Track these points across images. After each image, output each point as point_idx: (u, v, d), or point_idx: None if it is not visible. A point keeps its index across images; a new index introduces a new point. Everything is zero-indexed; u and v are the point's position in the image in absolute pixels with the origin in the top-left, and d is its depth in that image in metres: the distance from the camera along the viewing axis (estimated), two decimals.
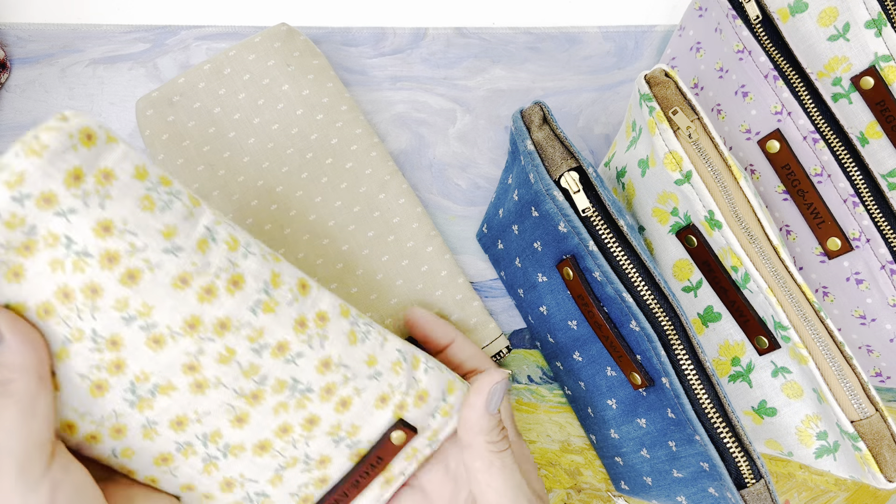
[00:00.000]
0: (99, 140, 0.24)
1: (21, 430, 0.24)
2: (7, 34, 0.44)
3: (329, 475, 0.31)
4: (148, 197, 0.25)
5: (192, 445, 0.29)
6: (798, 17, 0.34)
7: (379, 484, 0.32)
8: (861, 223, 0.33)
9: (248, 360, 0.28)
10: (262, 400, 0.29)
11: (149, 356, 0.26)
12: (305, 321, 0.28)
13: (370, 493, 0.32)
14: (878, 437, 0.29)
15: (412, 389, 0.31)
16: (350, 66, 0.45)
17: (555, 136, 0.31)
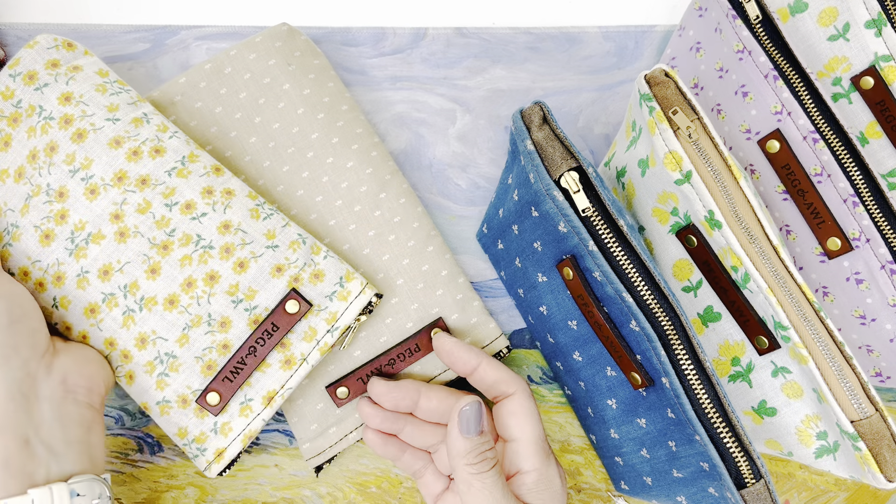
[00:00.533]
0: (77, 50, 0.36)
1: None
2: (7, 34, 0.44)
3: (230, 341, 0.35)
4: (102, 85, 0.35)
5: (115, 296, 0.35)
6: (798, 17, 0.34)
7: (279, 362, 0.34)
8: (861, 223, 0.33)
9: (160, 213, 0.34)
10: (171, 251, 0.34)
11: (85, 205, 0.34)
12: (213, 190, 0.34)
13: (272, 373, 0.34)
14: (878, 437, 0.29)
15: (308, 267, 0.34)
16: (350, 65, 0.45)
17: (555, 136, 0.31)
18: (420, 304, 0.40)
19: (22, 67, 0.35)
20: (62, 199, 0.34)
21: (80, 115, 0.34)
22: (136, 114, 0.35)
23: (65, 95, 0.34)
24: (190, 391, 0.34)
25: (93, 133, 0.33)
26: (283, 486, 0.42)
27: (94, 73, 0.35)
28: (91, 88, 0.34)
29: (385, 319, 0.40)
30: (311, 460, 0.39)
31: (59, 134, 0.34)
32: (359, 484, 0.42)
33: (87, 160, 0.33)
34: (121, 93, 0.35)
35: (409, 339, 0.40)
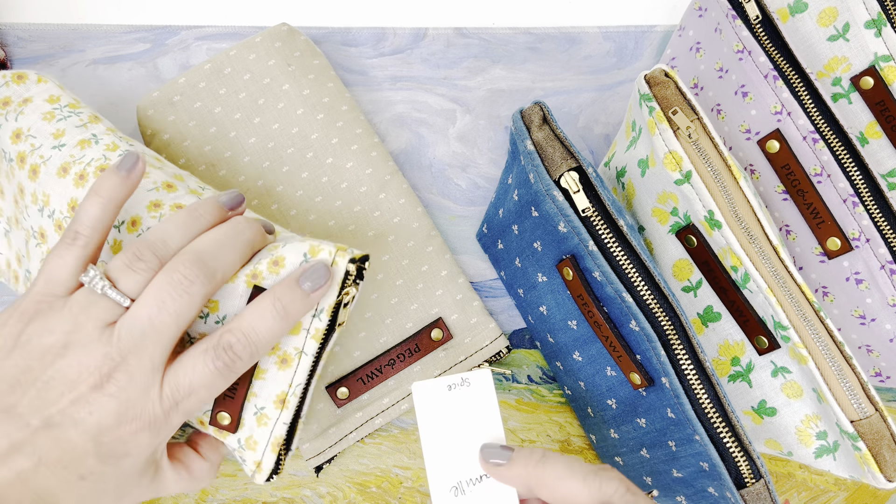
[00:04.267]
0: (29, 80, 0.35)
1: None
2: (7, 34, 0.44)
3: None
4: (51, 112, 0.34)
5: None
6: (798, 17, 0.34)
7: (274, 364, 0.31)
8: (861, 223, 0.33)
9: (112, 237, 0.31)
10: None
11: (57, 239, 0.31)
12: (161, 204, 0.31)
13: (272, 377, 0.31)
14: (878, 437, 0.29)
15: (265, 259, 0.30)
16: (350, 66, 0.45)
17: (555, 136, 0.31)
18: (420, 304, 0.40)
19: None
20: (44, 240, 0.33)
21: (29, 149, 0.33)
22: (84, 136, 0.33)
23: (16, 133, 0.33)
24: (201, 413, 0.31)
25: (43, 166, 0.32)
26: (283, 486, 0.42)
27: (44, 102, 0.34)
28: (38, 119, 0.33)
29: (385, 320, 0.40)
30: (311, 460, 0.39)
31: (20, 174, 0.33)
32: (359, 484, 0.42)
33: (44, 195, 0.32)
34: (70, 116, 0.34)
35: (408, 339, 0.40)
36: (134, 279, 0.26)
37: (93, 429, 0.25)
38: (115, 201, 0.28)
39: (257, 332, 0.27)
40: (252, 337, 0.27)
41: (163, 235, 0.27)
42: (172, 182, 0.33)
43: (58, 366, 0.25)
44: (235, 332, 0.27)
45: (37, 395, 0.25)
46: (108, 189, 0.28)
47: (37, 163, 0.32)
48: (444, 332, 0.40)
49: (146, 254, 0.27)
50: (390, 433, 0.42)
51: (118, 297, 0.26)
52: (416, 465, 0.42)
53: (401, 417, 0.42)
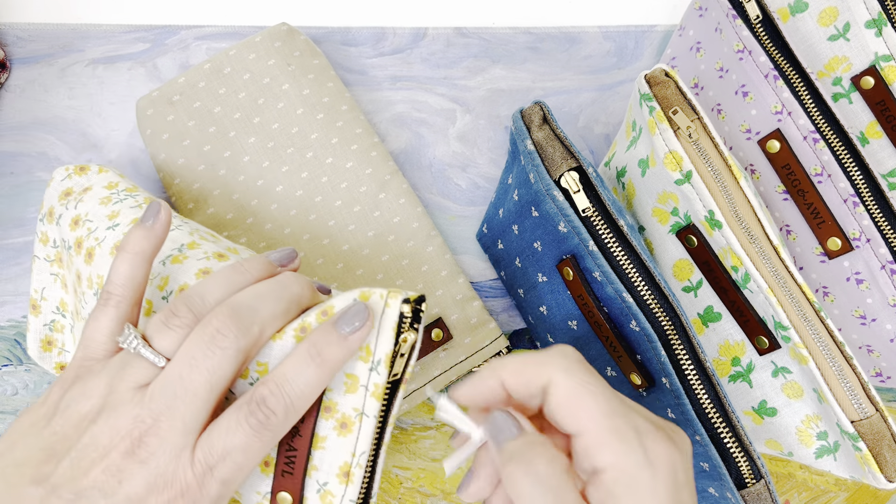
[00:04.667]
0: (91, 171, 0.36)
1: None
2: (7, 34, 0.44)
3: None
4: (108, 197, 0.34)
5: None
6: (798, 17, 0.34)
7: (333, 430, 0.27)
8: (861, 223, 0.33)
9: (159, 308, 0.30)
10: None
11: None
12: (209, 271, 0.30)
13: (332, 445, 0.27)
14: (879, 437, 0.29)
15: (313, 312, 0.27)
16: (350, 65, 0.45)
17: (555, 135, 0.31)
18: None
19: (45, 209, 0.35)
20: None
21: (86, 233, 0.32)
22: (138, 214, 0.32)
23: (74, 220, 0.33)
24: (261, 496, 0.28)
25: (98, 248, 0.31)
26: None
27: (103, 188, 0.34)
28: (95, 204, 0.33)
29: None
30: None
31: (77, 261, 0.33)
32: None
33: (99, 278, 0.31)
34: (126, 199, 0.34)
35: None
36: (169, 337, 0.25)
37: (122, 501, 0.23)
38: (142, 255, 0.27)
39: (291, 384, 0.24)
40: (286, 388, 0.24)
41: (201, 290, 0.26)
42: (224, 253, 0.32)
43: (91, 432, 0.24)
44: (269, 384, 0.24)
45: (70, 465, 0.23)
46: (134, 244, 0.27)
47: (92, 245, 0.32)
48: (444, 332, 0.40)
49: (182, 310, 0.25)
50: None
51: (152, 356, 0.25)
52: (415, 465, 0.42)
53: (401, 418, 0.42)
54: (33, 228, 0.42)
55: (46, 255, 0.36)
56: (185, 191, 0.40)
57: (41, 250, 0.36)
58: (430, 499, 0.42)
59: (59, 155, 0.43)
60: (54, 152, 0.43)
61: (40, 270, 0.37)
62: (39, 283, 0.37)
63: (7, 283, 0.42)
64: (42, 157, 0.43)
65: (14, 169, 0.43)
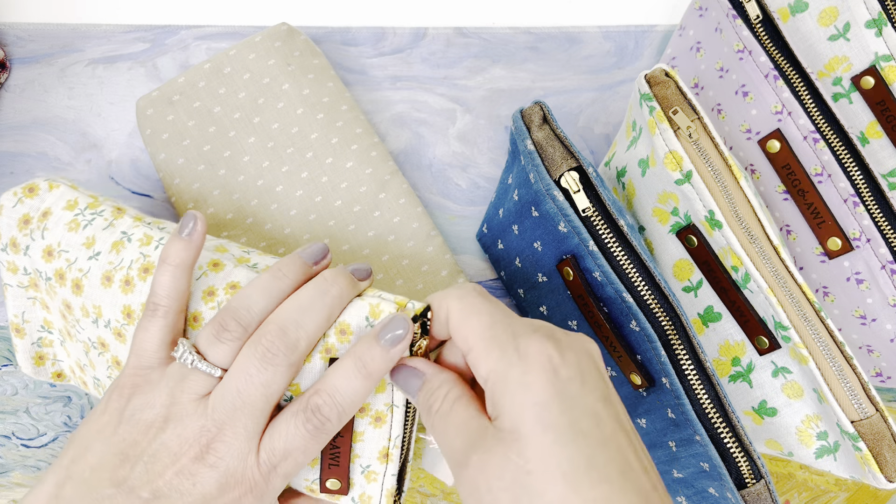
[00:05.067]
0: (41, 190, 0.33)
1: None
2: (7, 34, 0.44)
3: None
4: (74, 221, 0.32)
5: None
6: (798, 17, 0.34)
7: (369, 426, 0.30)
8: (861, 223, 0.33)
9: None
10: None
11: (124, 348, 0.32)
12: (215, 291, 0.31)
13: (370, 437, 0.30)
14: (879, 437, 0.29)
15: (331, 331, 0.29)
16: (350, 65, 0.45)
17: (555, 135, 0.31)
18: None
19: (5, 239, 0.34)
20: (106, 349, 0.33)
21: (66, 265, 0.32)
22: (114, 237, 0.32)
23: (46, 251, 0.32)
24: (310, 482, 0.31)
25: (85, 279, 0.32)
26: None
27: (63, 210, 0.33)
28: (64, 231, 0.32)
29: None
30: None
31: (63, 291, 0.33)
32: None
33: (95, 308, 0.32)
34: (94, 219, 0.32)
35: None
36: (222, 350, 0.27)
37: (198, 499, 0.26)
38: (183, 266, 0.28)
39: (342, 394, 0.27)
40: (338, 398, 0.27)
41: (246, 302, 0.28)
42: (218, 259, 0.32)
43: (161, 439, 0.26)
44: (322, 395, 0.27)
45: (144, 469, 0.26)
46: (174, 255, 0.28)
47: (77, 277, 0.32)
48: None
49: (231, 323, 0.27)
50: None
51: (208, 369, 0.27)
52: (415, 465, 0.42)
53: None
54: None
55: (19, 282, 0.35)
56: (185, 191, 0.40)
57: (11, 279, 0.35)
58: (430, 499, 0.42)
59: (59, 155, 0.43)
60: (54, 152, 0.43)
61: (15, 297, 0.36)
62: (17, 308, 0.36)
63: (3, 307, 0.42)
64: (42, 157, 0.43)
65: (14, 169, 0.43)
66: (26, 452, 0.40)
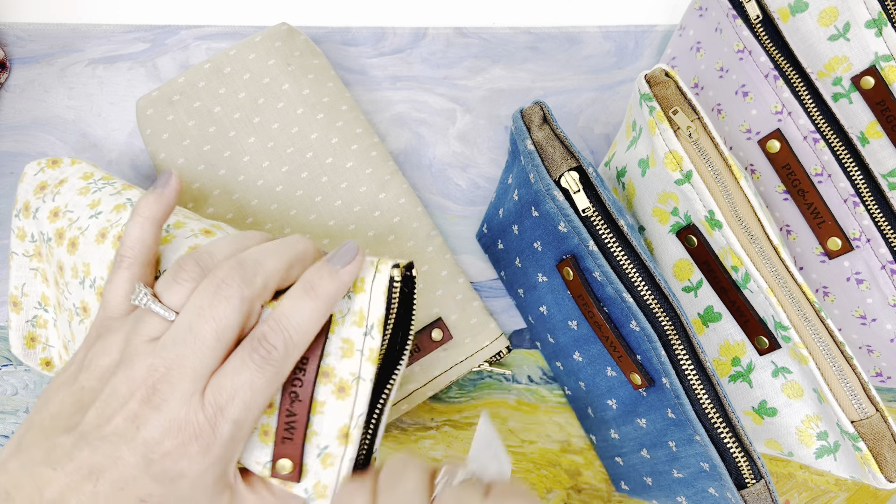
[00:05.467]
0: (63, 164, 0.35)
1: None
2: (7, 34, 0.44)
3: None
4: (85, 187, 0.34)
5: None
6: (798, 17, 0.34)
7: (331, 394, 0.28)
8: (861, 223, 0.33)
9: None
10: None
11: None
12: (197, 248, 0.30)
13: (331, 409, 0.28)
14: (879, 437, 0.29)
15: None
16: (350, 65, 0.45)
17: (555, 135, 0.31)
18: (420, 304, 0.40)
19: (20, 204, 0.35)
20: (87, 314, 0.32)
21: (67, 224, 0.33)
22: (119, 201, 0.32)
23: (53, 211, 0.33)
24: (261, 466, 0.28)
25: (81, 237, 0.32)
26: None
27: (79, 179, 0.34)
28: (74, 194, 0.33)
29: None
30: None
31: (59, 252, 0.33)
32: None
33: (85, 266, 0.31)
34: (104, 187, 0.34)
35: None
36: (178, 292, 0.26)
37: (140, 445, 0.24)
38: (152, 219, 0.28)
39: (288, 317, 0.26)
40: (283, 322, 0.26)
41: (211, 248, 0.27)
42: (210, 229, 0.32)
43: (112, 383, 0.25)
44: (268, 322, 0.26)
45: (95, 414, 0.25)
46: (145, 208, 0.28)
47: (75, 235, 0.32)
48: (443, 332, 0.40)
49: (189, 264, 0.27)
50: (390, 433, 0.42)
51: (162, 310, 0.26)
52: None
53: (401, 418, 0.42)
54: None
55: (24, 250, 0.36)
56: (185, 190, 0.40)
57: (19, 246, 0.36)
58: None
59: (59, 155, 0.43)
60: (54, 152, 0.43)
61: (19, 266, 0.36)
62: (19, 279, 0.37)
63: (6, 283, 0.42)
64: (42, 157, 0.43)
65: (14, 169, 0.43)
66: None
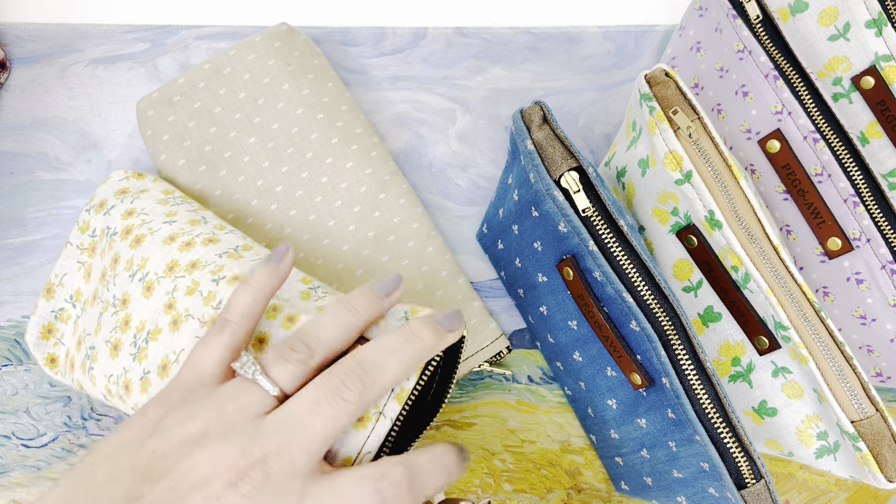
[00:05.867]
0: (147, 179, 0.38)
1: None
2: (7, 34, 0.44)
3: None
4: (164, 200, 0.36)
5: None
6: (798, 17, 0.34)
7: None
8: (861, 223, 0.33)
9: (208, 289, 0.31)
10: None
11: (143, 305, 0.32)
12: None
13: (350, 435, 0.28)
14: (879, 437, 0.29)
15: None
16: (350, 65, 0.45)
17: (555, 135, 0.31)
18: (420, 304, 0.40)
19: (95, 201, 0.37)
20: (125, 306, 0.32)
21: (139, 223, 0.34)
22: (195, 217, 0.35)
23: (128, 211, 0.35)
24: None
25: (150, 236, 0.33)
26: None
27: (160, 192, 0.37)
28: (153, 202, 0.36)
29: None
30: None
31: (120, 245, 0.34)
32: None
33: (142, 260, 0.32)
34: (182, 203, 0.36)
35: None
36: (286, 370, 0.24)
37: None
38: (265, 291, 0.27)
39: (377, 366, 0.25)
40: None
41: (316, 329, 0.26)
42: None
43: (195, 456, 0.22)
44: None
45: (168, 488, 0.22)
46: (259, 279, 0.27)
47: (143, 233, 0.33)
48: None
49: (299, 345, 0.25)
50: None
51: (268, 383, 0.24)
52: None
53: None
54: (33, 228, 0.42)
55: (80, 242, 0.37)
56: (186, 191, 0.40)
57: (77, 237, 0.37)
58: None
59: (59, 155, 0.43)
60: (54, 152, 0.43)
61: (68, 256, 0.37)
62: (63, 268, 0.38)
63: (7, 283, 0.42)
64: (42, 157, 0.43)
65: (14, 169, 0.43)
66: (26, 452, 0.40)
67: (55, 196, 0.42)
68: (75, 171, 0.43)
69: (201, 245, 0.32)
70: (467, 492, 0.42)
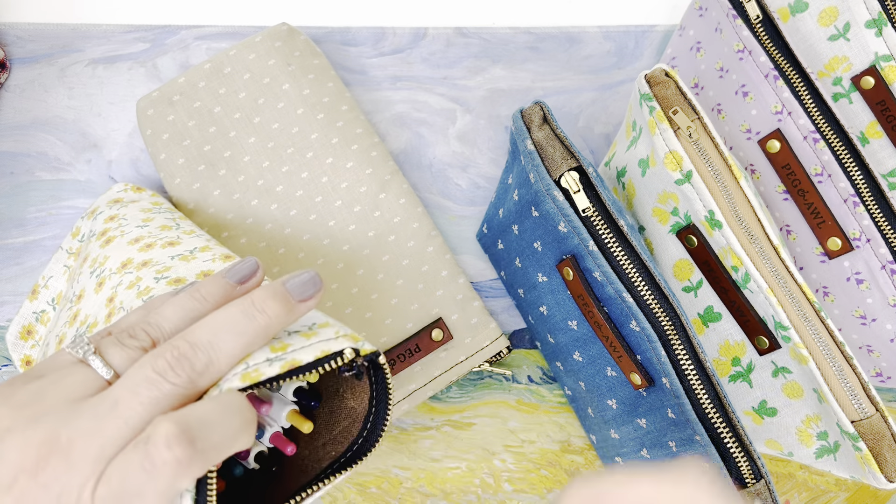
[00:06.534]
0: (145, 192, 0.39)
1: None
2: (7, 34, 0.44)
3: None
4: (149, 208, 0.37)
5: None
6: (798, 17, 0.34)
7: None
8: (861, 223, 0.33)
9: (145, 284, 0.30)
10: None
11: (92, 300, 0.32)
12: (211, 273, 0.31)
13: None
14: (879, 437, 0.29)
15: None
16: (350, 65, 0.45)
17: (555, 135, 0.31)
18: (420, 304, 0.40)
19: (91, 208, 0.38)
20: (79, 301, 0.32)
21: (115, 227, 0.35)
22: (168, 223, 0.35)
23: (111, 216, 0.36)
24: None
25: (119, 238, 0.34)
26: None
27: (149, 203, 0.38)
28: (136, 211, 0.36)
29: (385, 320, 0.40)
30: None
31: (93, 245, 0.35)
32: (358, 484, 0.42)
33: (104, 259, 0.33)
34: (163, 212, 0.37)
35: (409, 339, 0.40)
36: (120, 354, 0.23)
37: None
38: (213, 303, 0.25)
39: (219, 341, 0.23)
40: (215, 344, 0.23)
41: (158, 318, 0.24)
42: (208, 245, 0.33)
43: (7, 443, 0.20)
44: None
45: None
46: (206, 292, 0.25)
47: (114, 235, 0.34)
48: (444, 332, 0.40)
49: (139, 333, 0.24)
50: (390, 433, 0.42)
51: (100, 366, 0.22)
52: (415, 465, 0.42)
53: (401, 418, 0.42)
54: (33, 228, 0.42)
55: (69, 246, 0.38)
56: (186, 190, 0.40)
57: (67, 242, 0.38)
58: (430, 499, 0.42)
59: (59, 155, 0.43)
60: (54, 152, 0.43)
61: (57, 260, 0.38)
62: (50, 271, 0.38)
63: (6, 283, 0.42)
64: (42, 157, 0.43)
65: (14, 169, 0.43)
66: None
67: (55, 196, 0.42)
68: (75, 171, 0.43)
69: (160, 247, 0.32)
70: (467, 492, 0.42)
